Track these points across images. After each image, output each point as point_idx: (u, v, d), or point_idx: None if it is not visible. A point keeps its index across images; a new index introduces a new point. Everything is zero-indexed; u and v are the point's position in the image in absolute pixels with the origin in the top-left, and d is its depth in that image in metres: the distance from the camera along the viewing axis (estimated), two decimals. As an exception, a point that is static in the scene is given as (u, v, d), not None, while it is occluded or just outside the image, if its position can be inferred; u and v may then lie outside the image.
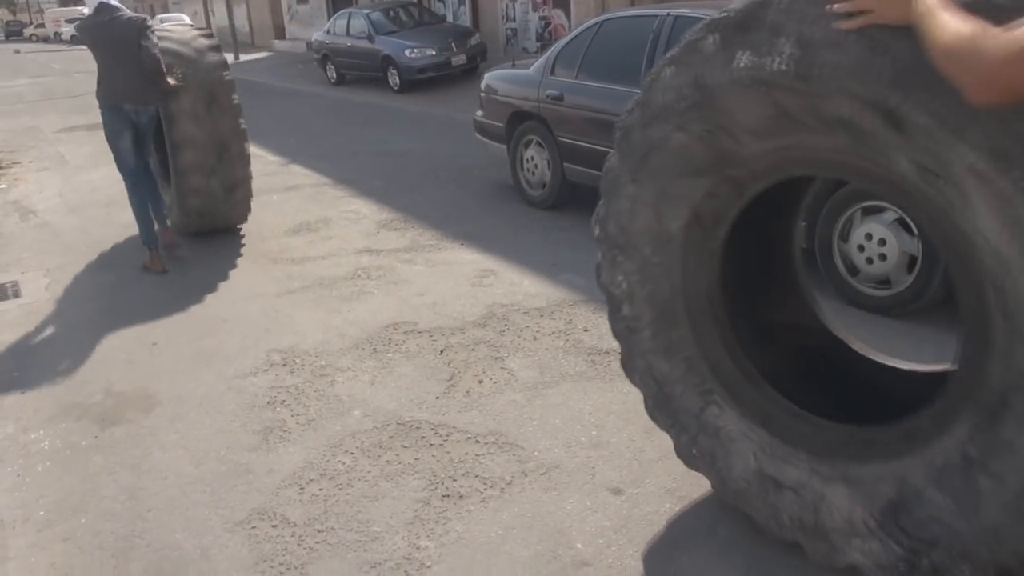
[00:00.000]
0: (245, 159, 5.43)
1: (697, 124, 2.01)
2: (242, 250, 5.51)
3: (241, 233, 5.87)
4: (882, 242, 3.77)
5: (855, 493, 1.97)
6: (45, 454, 3.10)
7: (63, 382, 3.69)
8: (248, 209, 5.76)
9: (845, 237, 3.94)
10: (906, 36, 1.51)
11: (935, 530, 1.82)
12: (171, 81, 4.84)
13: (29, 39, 49.32)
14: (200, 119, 5.06)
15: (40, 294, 4.88)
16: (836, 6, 1.63)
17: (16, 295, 4.89)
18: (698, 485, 2.64)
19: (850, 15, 1.61)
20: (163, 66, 4.79)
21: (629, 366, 2.51)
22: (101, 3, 4.76)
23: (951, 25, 1.31)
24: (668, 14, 5.04)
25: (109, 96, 4.84)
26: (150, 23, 4.93)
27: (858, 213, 3.87)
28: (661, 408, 2.45)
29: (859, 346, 2.59)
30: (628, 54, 5.19)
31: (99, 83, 4.88)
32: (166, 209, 5.45)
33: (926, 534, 1.84)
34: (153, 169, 5.42)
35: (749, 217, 2.22)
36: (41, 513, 2.73)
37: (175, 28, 5.54)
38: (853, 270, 3.95)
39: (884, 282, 3.85)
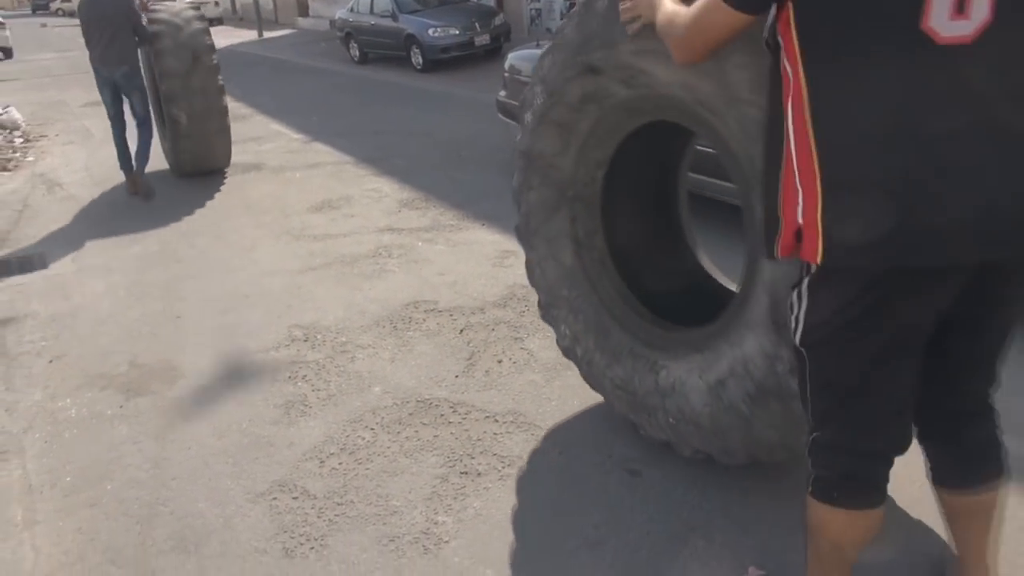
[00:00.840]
0: (224, 110, 6.64)
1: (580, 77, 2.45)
2: (265, 227, 5.56)
3: (265, 209, 5.91)
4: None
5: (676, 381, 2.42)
6: (72, 422, 3.16)
7: (89, 353, 3.75)
8: (229, 154, 7.06)
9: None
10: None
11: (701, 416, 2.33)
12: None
13: (55, 13, 49.59)
14: (186, 75, 6.25)
15: (66, 266, 4.95)
16: (623, 18, 2.06)
17: (43, 266, 4.97)
18: (717, 470, 2.64)
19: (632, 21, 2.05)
20: (147, 32, 6.18)
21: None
22: None
23: (665, 10, 1.75)
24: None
25: (93, 61, 6.22)
26: (135, 3, 6.19)
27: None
28: (545, 310, 2.95)
29: (723, 280, 2.96)
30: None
31: (88, 51, 6.21)
32: (165, 154, 6.94)
33: (697, 420, 2.34)
34: (155, 121, 6.71)
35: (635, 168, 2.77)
36: (68, 479, 2.79)
37: (168, 4, 6.72)
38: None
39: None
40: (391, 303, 4.11)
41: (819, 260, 1.43)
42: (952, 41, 1.30)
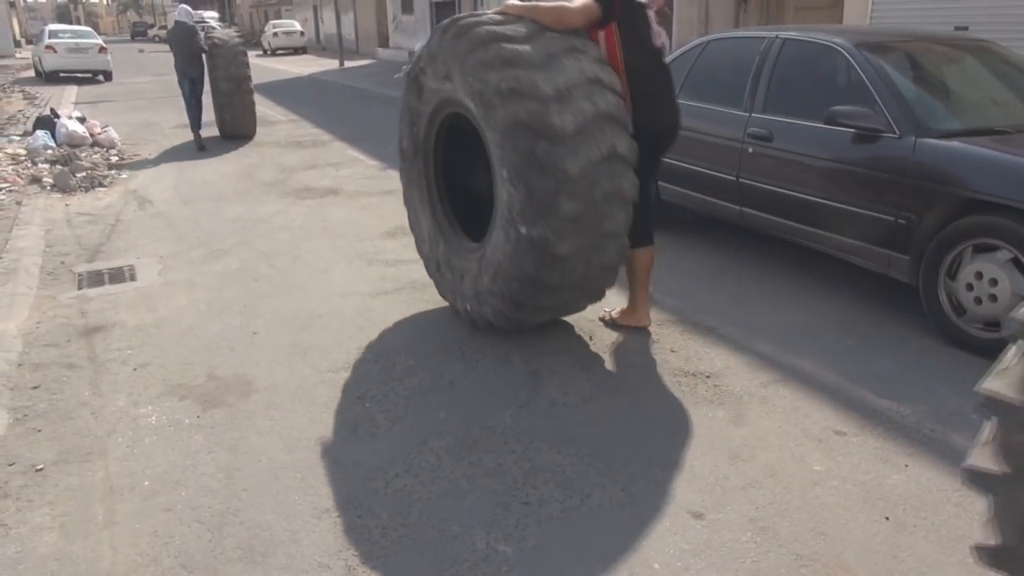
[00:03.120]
0: (250, 92, 10.90)
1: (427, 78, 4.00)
2: (340, 250, 5.72)
3: (340, 233, 6.09)
4: (993, 282, 3.61)
5: (470, 272, 3.92)
6: (152, 428, 3.30)
7: (171, 363, 3.92)
8: (255, 125, 11.31)
9: (952, 275, 3.79)
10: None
11: (473, 288, 3.87)
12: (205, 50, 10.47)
13: (152, 39, 52.38)
14: (228, 73, 10.57)
15: (153, 279, 5.20)
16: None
17: (132, 278, 5.22)
18: (783, 517, 2.59)
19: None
20: (204, 47, 10.41)
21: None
22: (176, 21, 10.45)
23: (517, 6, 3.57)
24: (776, 36, 4.97)
25: (176, 65, 10.41)
26: (199, 31, 10.55)
27: (968, 250, 3.71)
28: (429, 257, 4.38)
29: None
30: (733, 75, 5.14)
31: (174, 60, 10.43)
32: (215, 121, 11.09)
33: (473, 290, 3.88)
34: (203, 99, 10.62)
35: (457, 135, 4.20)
36: (146, 483, 2.91)
37: (218, 30, 11.54)
38: (959, 310, 3.79)
39: (993, 324, 3.68)
40: (459, 329, 4.17)
41: None
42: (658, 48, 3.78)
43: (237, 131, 10.89)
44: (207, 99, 10.55)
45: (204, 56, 10.36)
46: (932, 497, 2.71)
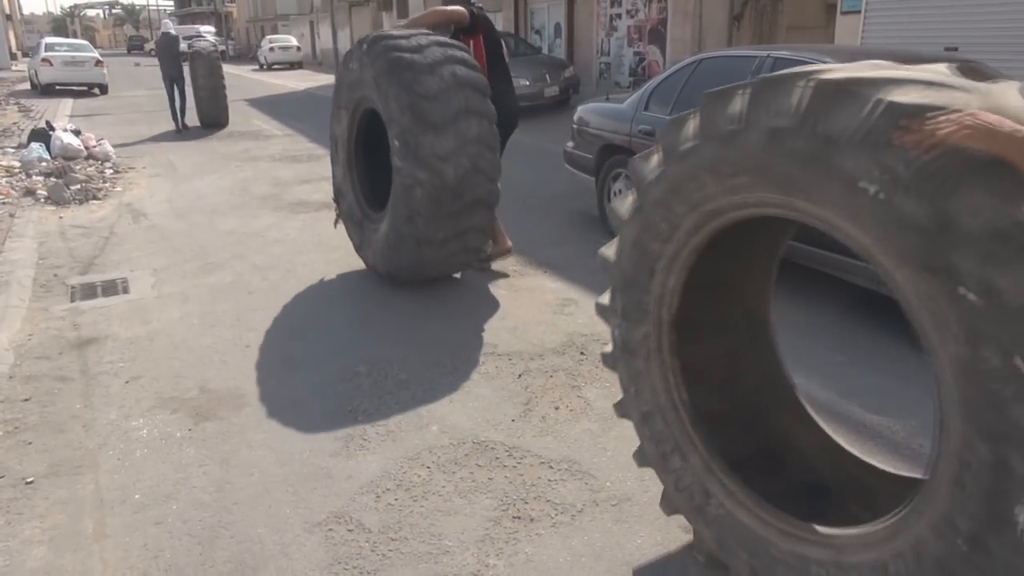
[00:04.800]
0: (223, 90, 13.96)
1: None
2: (334, 263, 5.73)
3: (334, 247, 6.10)
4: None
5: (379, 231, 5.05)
6: (143, 441, 3.29)
7: (163, 376, 3.92)
8: (227, 116, 14.29)
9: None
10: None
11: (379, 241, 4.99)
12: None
13: (149, 53, 52.46)
14: (206, 76, 13.56)
15: (147, 291, 5.19)
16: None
17: (125, 291, 5.22)
18: (773, 531, 2.59)
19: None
20: (183, 52, 13.53)
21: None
22: (163, 32, 13.49)
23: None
24: (768, 55, 5.03)
25: (162, 68, 13.33)
26: (181, 41, 13.78)
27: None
28: (351, 222, 5.47)
29: None
30: (724, 94, 5.19)
31: (159, 64, 13.33)
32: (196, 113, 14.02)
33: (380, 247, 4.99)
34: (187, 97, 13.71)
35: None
36: (137, 496, 2.90)
37: (200, 42, 15.38)
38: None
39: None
40: (452, 344, 4.18)
41: None
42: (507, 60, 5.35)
43: (213, 121, 14.12)
44: (191, 95, 13.75)
45: (184, 61, 13.56)
46: (921, 513, 2.71)
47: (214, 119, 14.03)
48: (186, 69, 13.37)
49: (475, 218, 4.67)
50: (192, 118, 13.86)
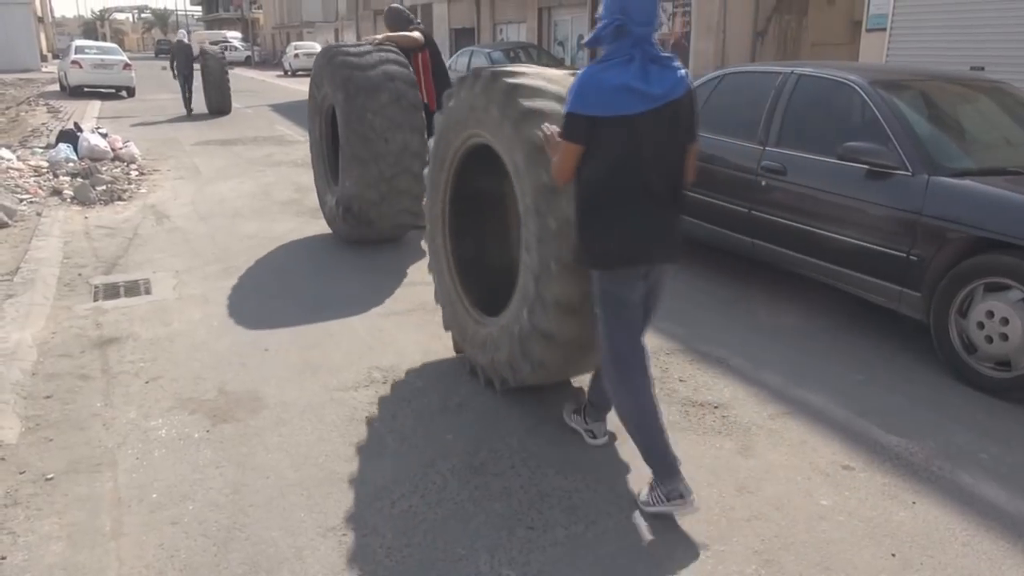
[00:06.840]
0: (227, 83, 17.33)
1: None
2: (355, 270, 5.77)
3: (351, 253, 6.14)
4: (1004, 321, 3.60)
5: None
6: (162, 441, 3.32)
7: (182, 376, 3.95)
8: (231, 105, 17.77)
9: (964, 313, 3.79)
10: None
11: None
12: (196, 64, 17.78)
13: (167, 56, 53.08)
14: (218, 72, 17.13)
15: (168, 293, 5.25)
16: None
17: (147, 292, 5.28)
18: (789, 551, 2.58)
19: None
20: (193, 55, 17.69)
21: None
22: (179, 40, 18.79)
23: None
24: (792, 72, 5.02)
25: (177, 67, 17.63)
26: (195, 47, 18.50)
27: (980, 289, 3.72)
28: (321, 180, 6.83)
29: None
30: (748, 109, 5.19)
31: (175, 64, 17.80)
32: (204, 103, 17.66)
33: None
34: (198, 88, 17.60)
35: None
36: (154, 496, 2.93)
37: (211, 47, 19.17)
38: (970, 347, 3.78)
39: (1004, 363, 3.67)
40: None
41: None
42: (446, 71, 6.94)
43: (219, 108, 17.34)
44: (199, 92, 17.41)
45: (194, 62, 17.46)
46: (939, 535, 2.69)
47: (219, 106, 17.33)
48: (196, 67, 17.31)
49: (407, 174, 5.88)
50: (200, 106, 17.59)
